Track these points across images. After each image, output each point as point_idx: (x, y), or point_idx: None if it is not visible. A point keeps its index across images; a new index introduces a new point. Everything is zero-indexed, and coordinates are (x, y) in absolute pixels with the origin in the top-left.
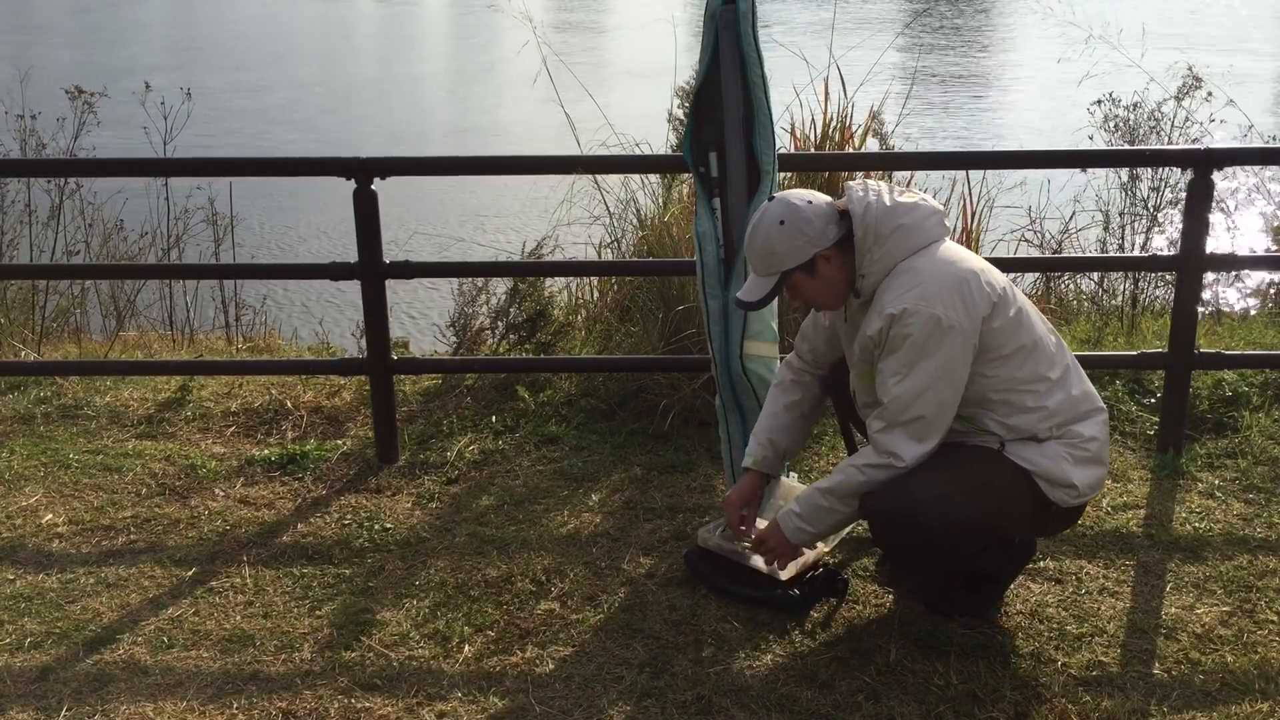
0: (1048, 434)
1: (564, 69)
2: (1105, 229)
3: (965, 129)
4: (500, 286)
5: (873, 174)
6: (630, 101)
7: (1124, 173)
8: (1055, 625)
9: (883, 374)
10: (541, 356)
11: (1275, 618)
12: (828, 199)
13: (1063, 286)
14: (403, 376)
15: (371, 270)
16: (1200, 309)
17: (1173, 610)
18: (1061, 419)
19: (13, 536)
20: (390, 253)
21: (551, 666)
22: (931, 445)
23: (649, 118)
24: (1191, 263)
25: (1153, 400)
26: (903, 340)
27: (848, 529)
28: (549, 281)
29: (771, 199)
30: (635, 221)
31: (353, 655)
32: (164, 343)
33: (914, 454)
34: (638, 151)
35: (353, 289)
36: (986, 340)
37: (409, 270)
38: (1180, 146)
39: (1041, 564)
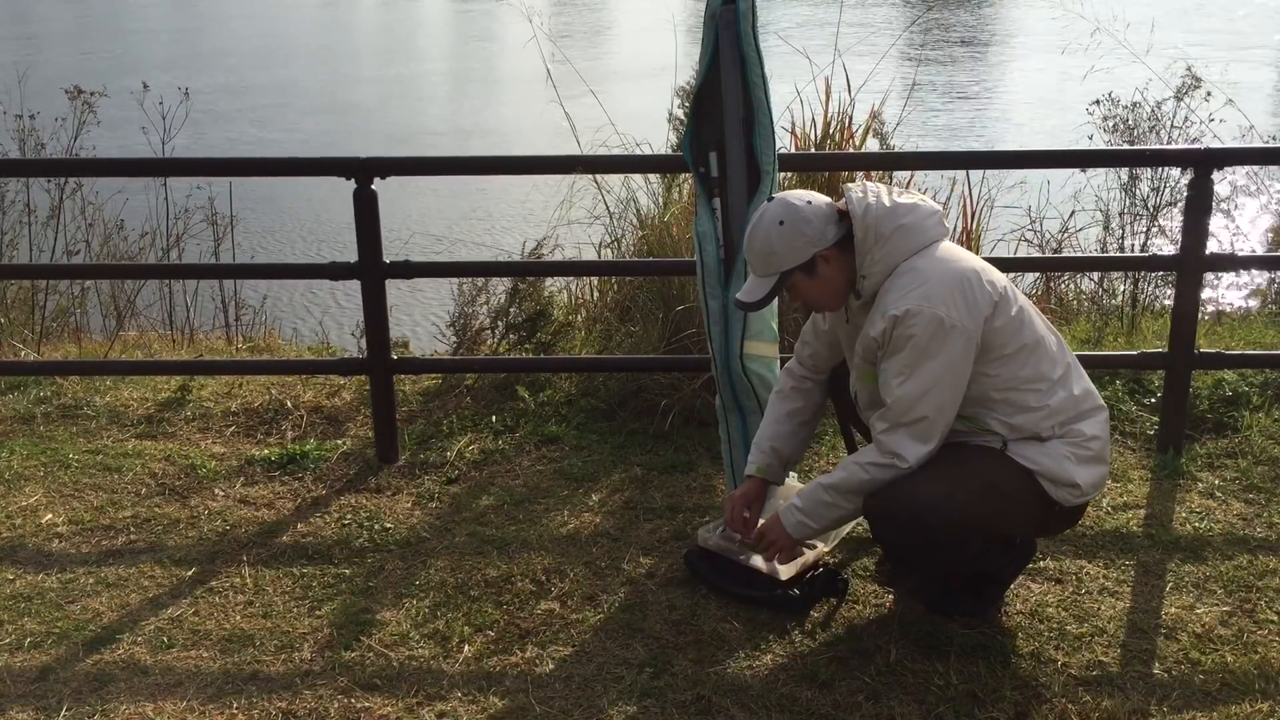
0: (1050, 433)
1: (565, 68)
2: (1105, 229)
3: (965, 128)
4: (500, 286)
5: (872, 174)
6: (630, 101)
7: (1124, 173)
8: (1055, 625)
9: (886, 374)
10: (541, 356)
11: (1275, 618)
12: (827, 200)
13: (1063, 286)
14: (403, 376)
15: (371, 270)
16: (1200, 309)
17: (1173, 610)
18: (1064, 418)
19: (13, 536)
20: (390, 253)
21: (551, 666)
22: (934, 445)
23: (649, 118)
24: (1191, 263)
25: (1153, 400)
26: (906, 341)
27: (849, 527)
28: (549, 281)
29: (770, 199)
30: (635, 221)
31: (353, 655)
32: (164, 343)
33: (917, 454)
34: (638, 151)
35: (353, 289)
36: (989, 339)
37: (409, 270)
38: (1180, 146)
39: (1041, 564)
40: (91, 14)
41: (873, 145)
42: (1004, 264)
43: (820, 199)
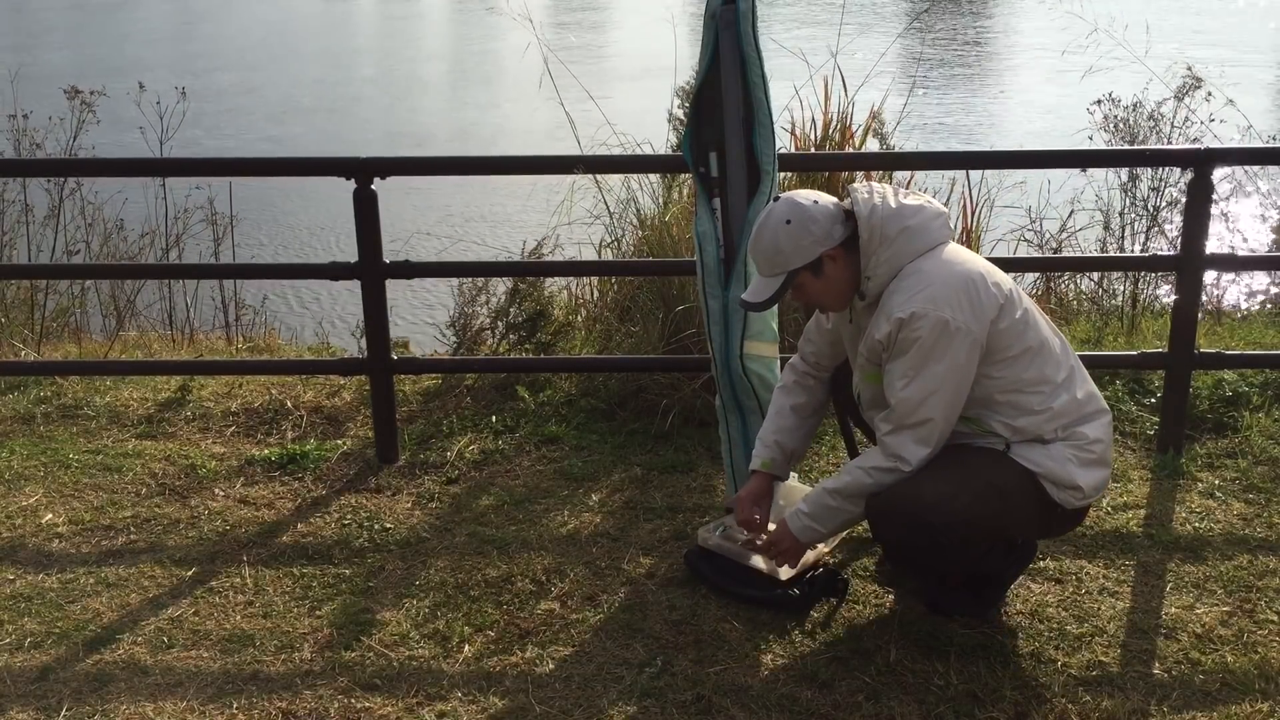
0: (1053, 435)
1: (564, 69)
2: (1105, 229)
3: (965, 128)
4: (500, 286)
5: (872, 174)
6: (630, 101)
7: (1124, 173)
8: (1055, 625)
9: (890, 376)
10: (541, 356)
11: (1275, 618)
12: (833, 199)
13: (1063, 286)
14: (403, 376)
15: (371, 270)
16: (1200, 309)
17: (1173, 610)
18: (1067, 420)
19: (13, 536)
20: (390, 253)
21: (551, 666)
22: (936, 448)
23: (649, 118)
24: (1191, 263)
25: (1153, 400)
26: (911, 343)
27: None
28: (549, 281)
29: (776, 199)
30: (635, 221)
31: (353, 655)
32: (164, 343)
33: (919, 457)
34: (638, 151)
35: (353, 289)
36: (993, 342)
37: (409, 270)
38: (1180, 146)
39: (1041, 564)
40: (89, 14)
41: (873, 145)
42: (1004, 264)
43: (826, 198)
